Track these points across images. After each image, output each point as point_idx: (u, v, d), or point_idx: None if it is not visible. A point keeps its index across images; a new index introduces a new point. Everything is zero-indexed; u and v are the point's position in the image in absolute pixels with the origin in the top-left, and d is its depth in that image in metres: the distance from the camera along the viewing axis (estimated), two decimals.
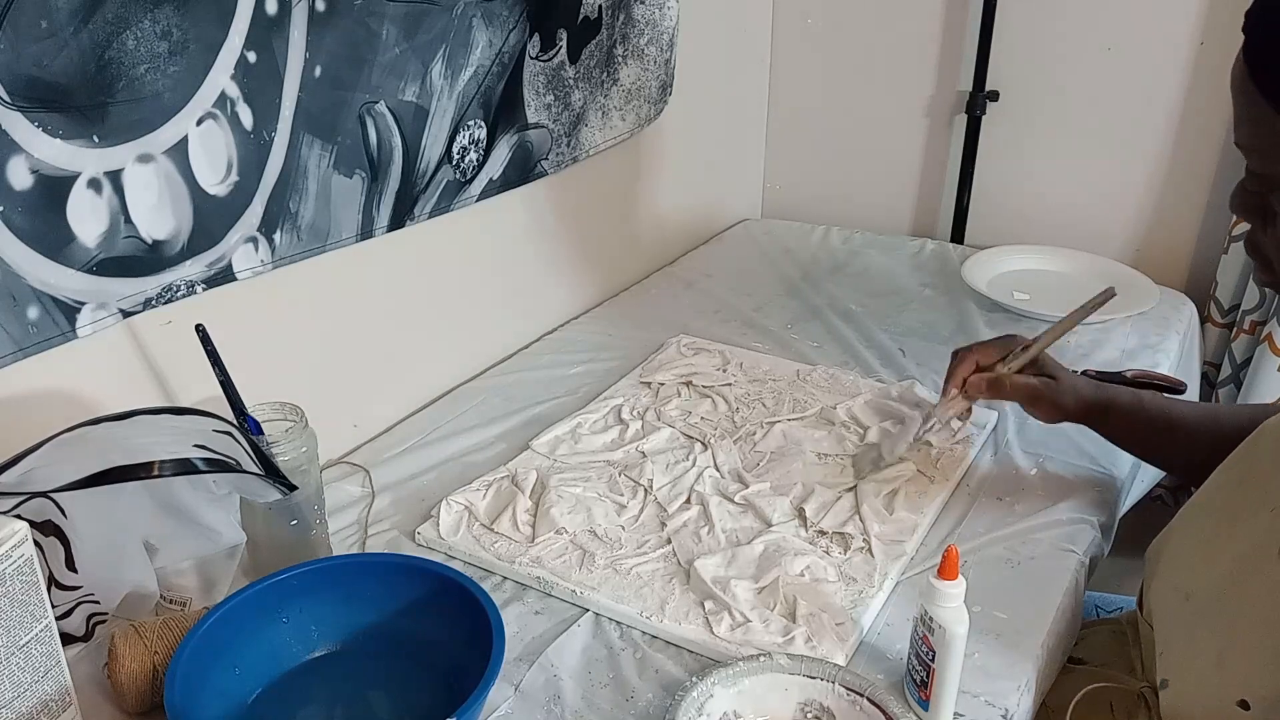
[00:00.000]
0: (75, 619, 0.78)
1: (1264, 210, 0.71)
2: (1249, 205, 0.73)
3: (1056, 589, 0.89)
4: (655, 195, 1.62)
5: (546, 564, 0.91)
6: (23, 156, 0.75)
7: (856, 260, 1.66)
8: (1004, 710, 0.77)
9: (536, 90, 1.24)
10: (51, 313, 0.81)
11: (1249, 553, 0.75)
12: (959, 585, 0.72)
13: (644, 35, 1.40)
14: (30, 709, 0.68)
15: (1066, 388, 1.01)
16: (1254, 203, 0.72)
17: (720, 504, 0.99)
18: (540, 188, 1.33)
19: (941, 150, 1.75)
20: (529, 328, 1.40)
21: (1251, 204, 0.72)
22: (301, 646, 0.79)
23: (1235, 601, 0.75)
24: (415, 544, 0.96)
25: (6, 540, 0.64)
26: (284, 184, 0.96)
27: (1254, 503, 0.77)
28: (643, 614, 0.85)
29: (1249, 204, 0.73)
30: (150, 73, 0.81)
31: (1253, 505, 0.77)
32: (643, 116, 1.46)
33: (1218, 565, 0.78)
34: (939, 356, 1.32)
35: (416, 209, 1.13)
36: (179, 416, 0.80)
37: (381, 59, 1.02)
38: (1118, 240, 1.63)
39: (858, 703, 0.74)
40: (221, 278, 0.94)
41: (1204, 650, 0.76)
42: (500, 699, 0.78)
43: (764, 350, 1.33)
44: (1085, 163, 1.64)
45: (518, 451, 1.10)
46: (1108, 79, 1.58)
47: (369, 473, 1.07)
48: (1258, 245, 0.75)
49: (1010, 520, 0.98)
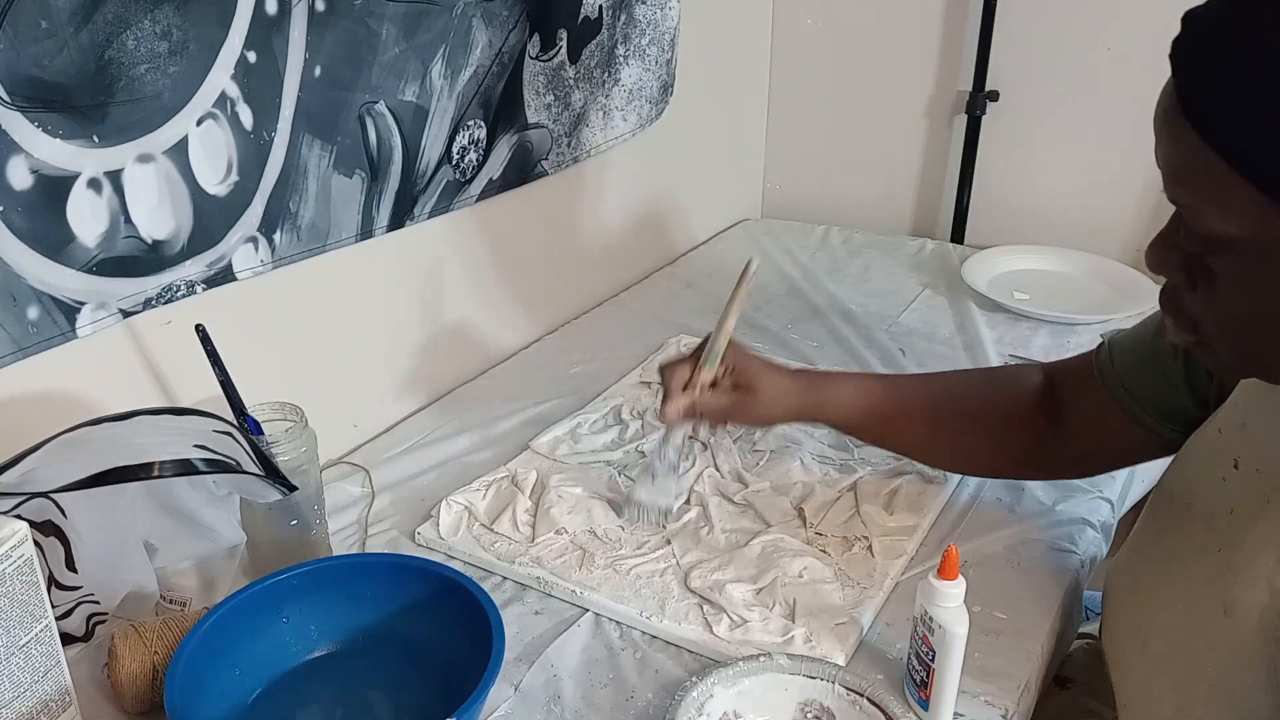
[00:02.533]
0: (75, 619, 0.78)
1: (1200, 271, 0.63)
2: (1180, 264, 0.64)
3: (1056, 589, 0.89)
4: (655, 195, 1.62)
5: (546, 564, 0.91)
6: (23, 156, 0.75)
7: (856, 260, 1.66)
8: (1004, 710, 0.77)
9: (537, 90, 1.24)
10: (51, 313, 0.81)
11: (1200, 607, 0.69)
12: (959, 585, 0.72)
13: (645, 35, 1.40)
14: (30, 709, 0.68)
15: (767, 399, 0.91)
16: (1186, 261, 0.63)
17: (720, 504, 0.99)
18: (540, 188, 1.33)
19: (941, 150, 1.75)
20: (529, 327, 1.40)
21: (1182, 263, 0.64)
22: (301, 646, 0.79)
23: (1190, 657, 0.70)
24: (415, 544, 0.96)
25: (6, 540, 0.65)
26: (284, 184, 0.96)
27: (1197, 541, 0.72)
28: (642, 614, 0.85)
29: (1180, 262, 0.64)
30: (150, 73, 0.81)
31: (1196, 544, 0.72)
32: (644, 117, 1.46)
33: (1171, 613, 0.72)
34: (939, 356, 1.32)
35: (416, 209, 1.13)
36: (179, 417, 0.80)
37: (381, 59, 1.02)
38: (1118, 240, 1.63)
39: (858, 703, 0.74)
40: (221, 278, 0.93)
41: (1163, 704, 0.71)
42: (500, 699, 0.78)
43: (764, 350, 1.33)
44: (1085, 163, 1.64)
45: (518, 451, 1.10)
46: (1108, 79, 1.58)
47: (369, 473, 1.07)
48: (1180, 304, 0.66)
49: (1010, 520, 0.98)
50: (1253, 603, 0.64)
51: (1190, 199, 0.61)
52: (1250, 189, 0.57)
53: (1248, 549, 0.67)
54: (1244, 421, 0.72)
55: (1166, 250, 0.65)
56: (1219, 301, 0.63)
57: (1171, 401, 0.82)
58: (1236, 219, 0.58)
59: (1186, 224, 0.62)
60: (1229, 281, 0.61)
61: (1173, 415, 0.82)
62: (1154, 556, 0.78)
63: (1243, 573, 0.66)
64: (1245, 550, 0.67)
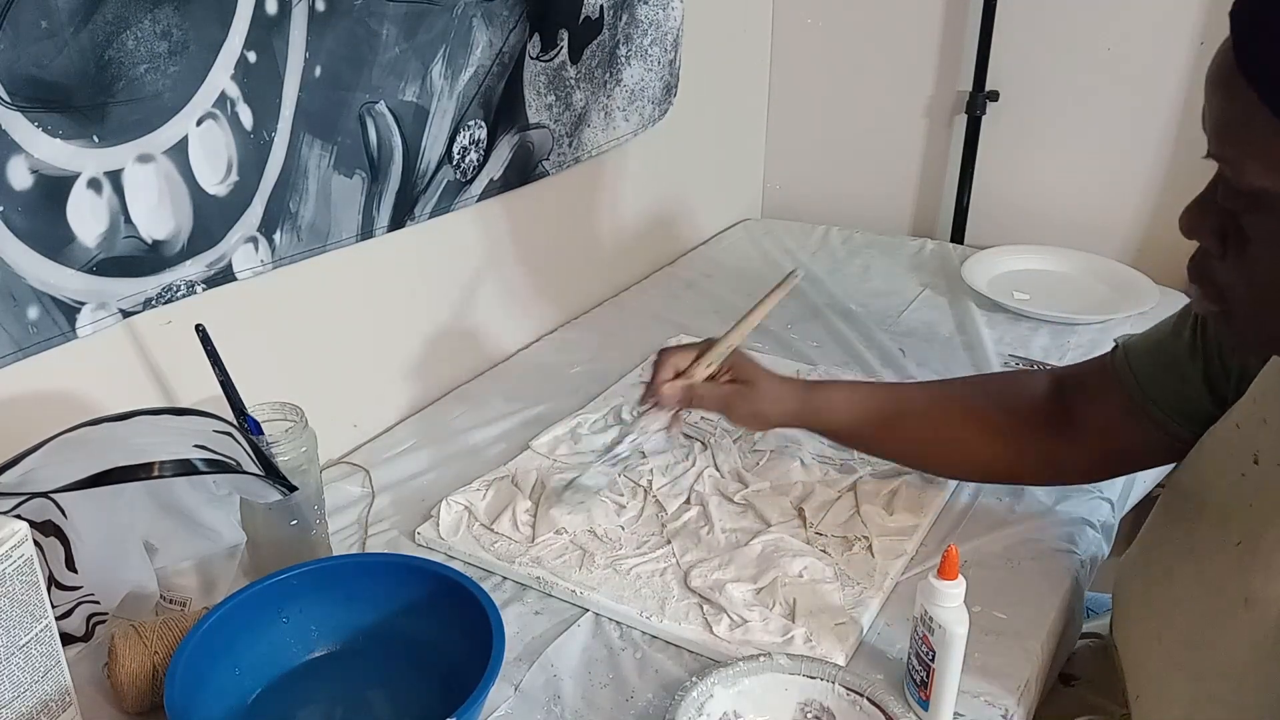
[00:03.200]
0: (75, 619, 0.78)
1: (1232, 233, 0.64)
2: (1214, 227, 0.65)
3: (1056, 589, 0.89)
4: (655, 195, 1.62)
5: (546, 564, 0.91)
6: (23, 156, 0.75)
7: (856, 260, 1.66)
8: (1004, 710, 0.77)
9: (537, 90, 1.24)
10: (51, 313, 0.81)
11: (1218, 600, 0.70)
12: (959, 585, 0.72)
13: (648, 35, 1.40)
14: (30, 709, 0.68)
15: (764, 394, 0.92)
16: (1221, 224, 0.64)
17: (720, 504, 0.99)
18: (541, 188, 1.33)
19: (941, 150, 1.75)
20: (529, 327, 1.40)
21: (1217, 225, 0.65)
22: (301, 646, 0.79)
23: (1206, 651, 0.71)
24: (415, 544, 0.96)
25: (6, 540, 0.65)
26: (284, 184, 0.96)
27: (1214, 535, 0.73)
28: (642, 614, 0.85)
29: (1215, 225, 0.65)
30: (150, 73, 0.81)
31: (1214, 538, 0.73)
32: (646, 117, 1.46)
33: (1187, 606, 0.73)
34: (939, 356, 1.32)
35: (417, 209, 1.13)
36: (179, 417, 0.80)
37: (381, 59, 1.02)
38: (1118, 240, 1.63)
39: (858, 703, 0.74)
40: (221, 278, 0.93)
41: (1177, 698, 0.72)
42: (500, 699, 0.78)
43: (764, 350, 1.33)
44: (1085, 163, 1.64)
45: (518, 451, 1.10)
46: (1108, 79, 1.58)
47: (369, 473, 1.07)
48: (1208, 273, 0.67)
49: (1010, 520, 0.98)
50: (1275, 595, 0.66)
51: (1235, 153, 0.61)
52: None
53: (1269, 542, 0.68)
54: (1265, 417, 0.73)
55: (1202, 212, 0.66)
56: (1249, 266, 0.64)
57: (1191, 403, 0.82)
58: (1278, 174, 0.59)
59: (1226, 181, 0.63)
60: (1262, 243, 0.62)
61: (1193, 417, 0.82)
62: (1168, 551, 0.78)
63: (1265, 566, 0.67)
64: (1266, 544, 0.68)
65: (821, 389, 0.96)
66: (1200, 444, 0.80)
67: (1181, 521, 0.78)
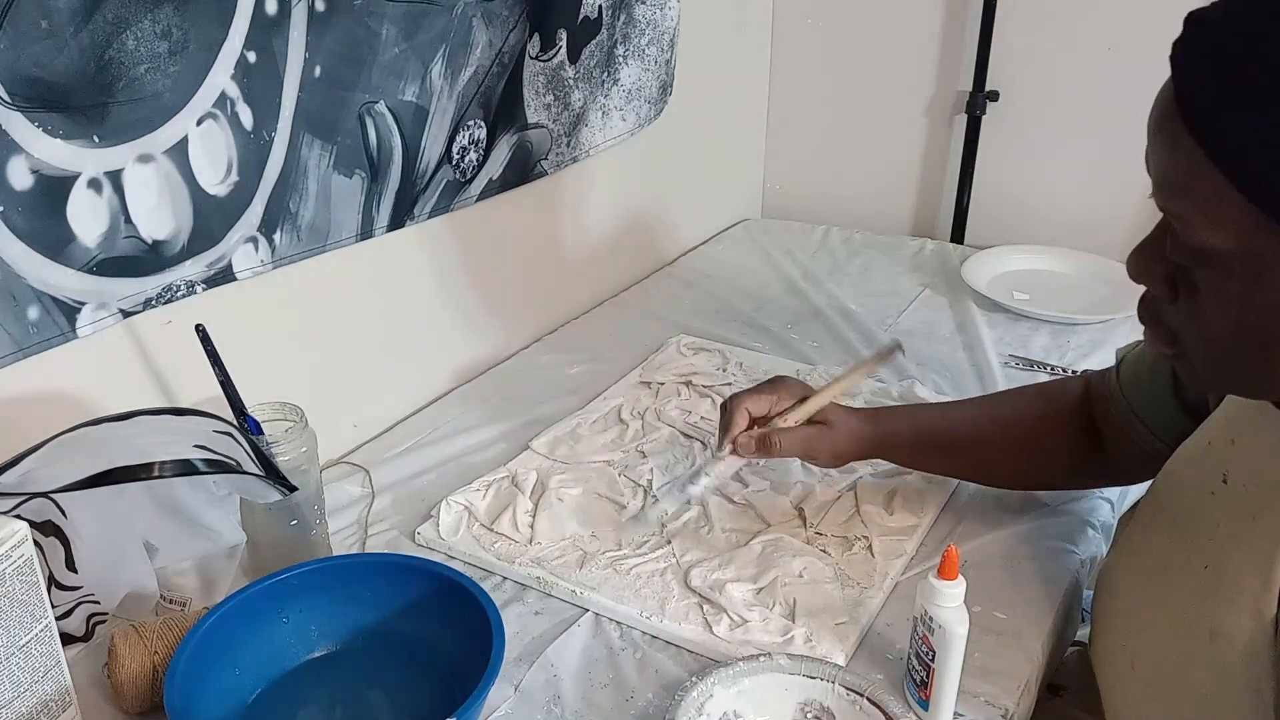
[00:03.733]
0: (75, 619, 0.78)
1: (1182, 282, 0.61)
2: (1164, 275, 0.62)
3: (1056, 589, 0.89)
4: (655, 195, 1.62)
5: (546, 564, 0.91)
6: (23, 156, 0.75)
7: (856, 260, 1.66)
8: (1004, 710, 0.77)
9: (536, 90, 1.24)
10: (51, 313, 0.81)
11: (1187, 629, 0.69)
12: (959, 585, 0.72)
13: (645, 35, 1.40)
14: (30, 709, 0.68)
15: (840, 433, 0.92)
16: (1170, 273, 0.62)
17: (720, 504, 0.99)
18: (540, 188, 1.33)
19: (941, 150, 1.75)
20: (529, 328, 1.40)
21: (1166, 274, 0.62)
22: (301, 646, 0.79)
23: (1177, 678, 0.69)
24: (415, 544, 0.96)
25: (6, 540, 0.65)
26: (284, 184, 0.96)
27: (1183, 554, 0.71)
28: (642, 614, 0.85)
29: (1164, 273, 0.62)
30: (150, 73, 0.81)
31: (1183, 558, 0.71)
32: (643, 117, 1.46)
33: (1158, 633, 0.72)
34: (939, 356, 1.32)
35: (416, 209, 1.13)
36: (179, 417, 0.80)
37: (381, 59, 1.02)
38: (1118, 240, 1.63)
39: (858, 703, 0.74)
40: (221, 278, 0.94)
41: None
42: (500, 699, 0.78)
43: (764, 350, 1.33)
44: (1085, 163, 1.64)
45: (518, 451, 1.10)
46: (1108, 79, 1.58)
47: (369, 473, 1.07)
48: (1159, 316, 0.65)
49: (1010, 520, 0.98)
50: (1239, 628, 0.64)
51: (1181, 208, 0.58)
52: (1245, 203, 0.55)
53: (1233, 571, 0.66)
54: (1233, 437, 0.71)
55: (1150, 259, 0.63)
56: (1200, 316, 0.61)
57: (1179, 426, 0.82)
58: (1226, 232, 0.56)
59: (1174, 234, 0.60)
60: (1212, 296, 0.60)
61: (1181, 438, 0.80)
62: (1142, 566, 0.77)
63: (1229, 596, 0.65)
64: (1231, 572, 0.66)
65: (887, 418, 0.96)
66: (1175, 457, 0.79)
67: (1156, 535, 0.77)
